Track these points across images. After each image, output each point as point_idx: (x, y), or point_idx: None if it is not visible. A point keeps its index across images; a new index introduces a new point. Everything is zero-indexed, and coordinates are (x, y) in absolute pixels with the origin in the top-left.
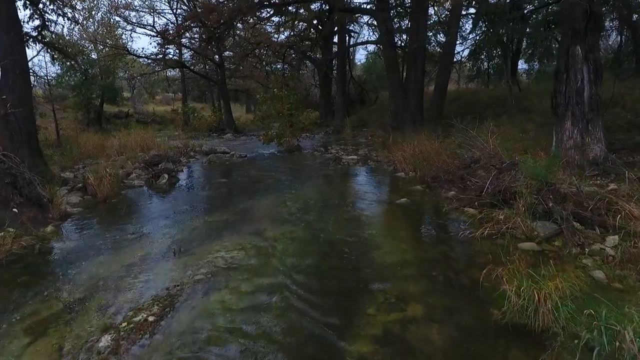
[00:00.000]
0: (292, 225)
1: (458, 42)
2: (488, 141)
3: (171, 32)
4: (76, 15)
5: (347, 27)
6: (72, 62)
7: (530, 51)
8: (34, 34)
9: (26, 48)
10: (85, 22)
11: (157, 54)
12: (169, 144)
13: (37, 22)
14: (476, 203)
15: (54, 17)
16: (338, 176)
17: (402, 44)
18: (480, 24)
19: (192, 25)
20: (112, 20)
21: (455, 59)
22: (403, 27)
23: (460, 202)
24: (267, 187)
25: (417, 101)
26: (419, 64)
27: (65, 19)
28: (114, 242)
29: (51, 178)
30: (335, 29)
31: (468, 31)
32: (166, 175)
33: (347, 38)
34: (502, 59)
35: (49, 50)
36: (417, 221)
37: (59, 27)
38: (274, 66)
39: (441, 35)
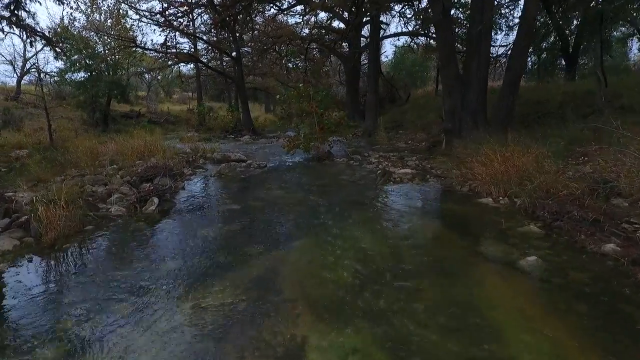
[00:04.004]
0: (352, 327)
1: (504, 32)
2: None
3: (175, 13)
4: None
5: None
6: (69, 54)
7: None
8: (7, 14)
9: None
10: (91, 12)
11: (167, 47)
12: (176, 149)
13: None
14: None
15: None
16: (395, 202)
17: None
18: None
19: (200, 2)
20: (121, 10)
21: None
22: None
23: None
24: (296, 221)
25: (480, 98)
26: (483, 51)
27: None
28: None
29: None
30: (364, 19)
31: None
32: (156, 200)
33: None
34: (562, 51)
35: (28, 35)
36: (593, 325)
37: (35, 7)
38: (295, 62)
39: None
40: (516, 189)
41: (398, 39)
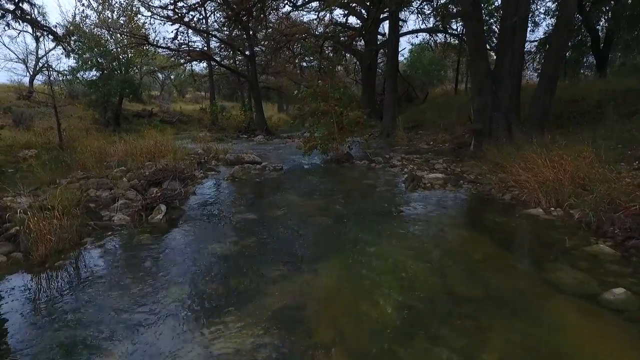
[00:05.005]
0: None
1: (529, 28)
2: None
3: (186, 5)
4: None
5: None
6: (81, 52)
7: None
8: (12, 7)
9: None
10: (102, 9)
11: (179, 44)
12: (188, 149)
13: None
14: None
15: None
16: (430, 212)
17: (460, 33)
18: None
19: None
20: (133, 7)
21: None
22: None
23: None
24: (321, 235)
25: (513, 96)
26: (517, 45)
27: None
28: None
29: None
30: (382, 16)
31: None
32: (163, 208)
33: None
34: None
35: (35, 31)
36: None
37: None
38: (309, 61)
39: None
40: (572, 199)
41: (416, 36)
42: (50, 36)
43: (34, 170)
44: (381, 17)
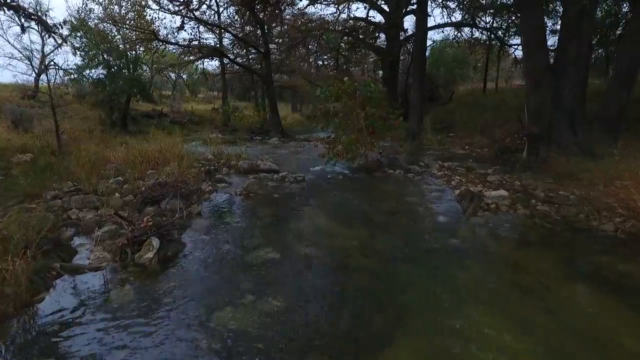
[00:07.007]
0: None
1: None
2: None
3: None
4: None
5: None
6: (87, 49)
7: None
8: None
9: None
10: (109, 3)
11: (189, 39)
12: (197, 153)
13: None
14: None
15: None
16: (511, 250)
17: (490, 27)
18: None
19: None
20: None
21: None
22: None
23: None
24: (370, 292)
25: (578, 94)
26: (584, 34)
27: None
28: None
29: None
30: (406, 10)
31: None
32: (155, 243)
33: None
34: None
35: (21, 20)
36: None
37: None
38: (325, 59)
39: None
40: None
41: (442, 31)
42: (40, 26)
43: (18, 181)
44: (404, 10)
